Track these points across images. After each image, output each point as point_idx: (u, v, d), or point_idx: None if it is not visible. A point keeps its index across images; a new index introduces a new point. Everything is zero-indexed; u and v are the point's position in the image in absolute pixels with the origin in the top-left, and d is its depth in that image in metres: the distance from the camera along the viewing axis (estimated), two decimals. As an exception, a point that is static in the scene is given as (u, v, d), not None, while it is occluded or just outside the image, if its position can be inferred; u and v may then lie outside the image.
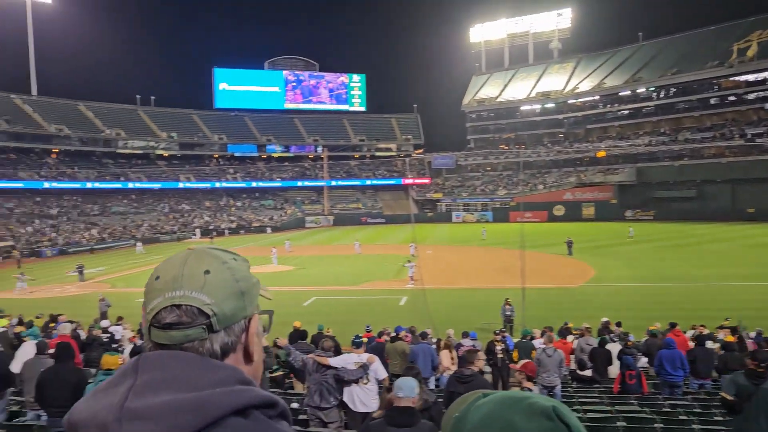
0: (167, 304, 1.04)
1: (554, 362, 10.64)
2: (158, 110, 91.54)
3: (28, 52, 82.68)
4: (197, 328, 1.04)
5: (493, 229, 61.86)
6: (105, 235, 62.75)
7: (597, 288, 29.14)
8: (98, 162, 79.82)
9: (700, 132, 76.56)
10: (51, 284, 35.28)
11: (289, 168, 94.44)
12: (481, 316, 22.11)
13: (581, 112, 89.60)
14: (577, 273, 33.59)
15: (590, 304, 24.66)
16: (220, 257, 1.12)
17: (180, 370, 0.98)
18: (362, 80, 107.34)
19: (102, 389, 0.99)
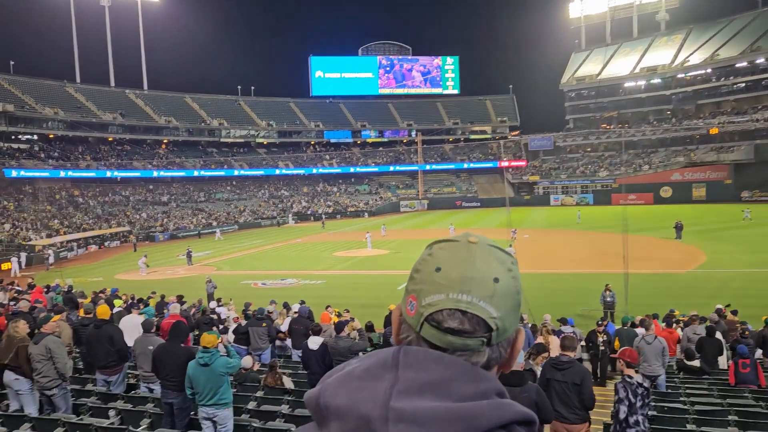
0: (453, 306, 0.96)
1: (655, 351, 10.12)
2: (258, 100, 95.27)
3: (140, 49, 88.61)
4: (477, 339, 0.97)
5: (593, 213, 59.47)
6: (211, 220, 66.36)
7: (708, 274, 27.32)
8: (203, 151, 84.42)
9: (829, 104, 69.40)
10: (163, 267, 37.81)
11: (383, 153, 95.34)
12: (580, 301, 21.40)
13: (691, 86, 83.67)
14: (686, 258, 31.63)
15: (700, 290, 23.19)
16: (505, 262, 1.02)
17: (444, 375, 0.93)
18: (455, 62, 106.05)
19: (358, 377, 0.95)
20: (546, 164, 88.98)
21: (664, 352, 10.24)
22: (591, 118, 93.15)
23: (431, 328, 0.97)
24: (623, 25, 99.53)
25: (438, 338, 0.97)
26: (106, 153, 73.29)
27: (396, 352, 0.97)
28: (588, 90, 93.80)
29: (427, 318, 0.97)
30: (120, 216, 61.53)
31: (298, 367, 11.52)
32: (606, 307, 19.81)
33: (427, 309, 0.97)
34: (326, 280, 30.27)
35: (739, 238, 38.08)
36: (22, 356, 7.94)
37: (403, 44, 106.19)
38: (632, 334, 11.69)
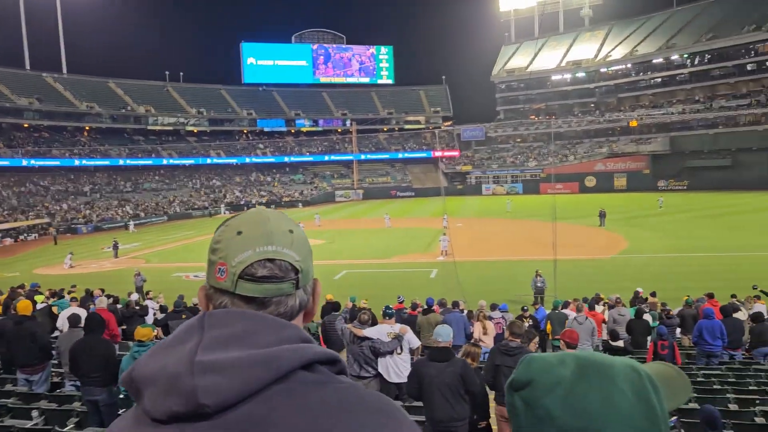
0: (260, 257, 1.06)
1: (586, 331, 10.58)
2: (187, 86, 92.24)
3: (58, 29, 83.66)
4: (288, 282, 1.08)
5: (523, 202, 61.28)
6: (138, 211, 63.97)
7: (629, 259, 28.76)
8: (129, 139, 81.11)
9: (736, 99, 74.13)
10: (88, 260, 36.19)
11: (317, 142, 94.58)
12: (513, 287, 22.04)
13: (613, 80, 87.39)
14: (609, 244, 33.15)
15: (622, 275, 24.37)
16: (292, 220, 1.16)
17: (247, 328, 1.00)
18: (390, 52, 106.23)
19: (165, 345, 1.01)
20: (478, 154, 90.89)
21: (594, 333, 10.73)
22: (521, 110, 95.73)
23: (246, 282, 1.06)
24: (551, 19, 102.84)
25: (254, 289, 1.06)
26: (22, 140, 69.15)
27: (201, 316, 1.05)
28: (517, 82, 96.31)
29: (241, 275, 1.06)
30: (38, 207, 58.35)
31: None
32: (537, 292, 20.51)
33: (239, 266, 1.06)
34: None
35: (656, 224, 40.28)
36: None
37: (337, 33, 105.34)
38: (562, 317, 12.15)
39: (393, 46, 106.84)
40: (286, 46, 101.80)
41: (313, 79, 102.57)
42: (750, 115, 71.11)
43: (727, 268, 24.94)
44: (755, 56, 73.16)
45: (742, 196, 57.01)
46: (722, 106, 74.25)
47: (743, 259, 26.70)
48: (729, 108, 73.45)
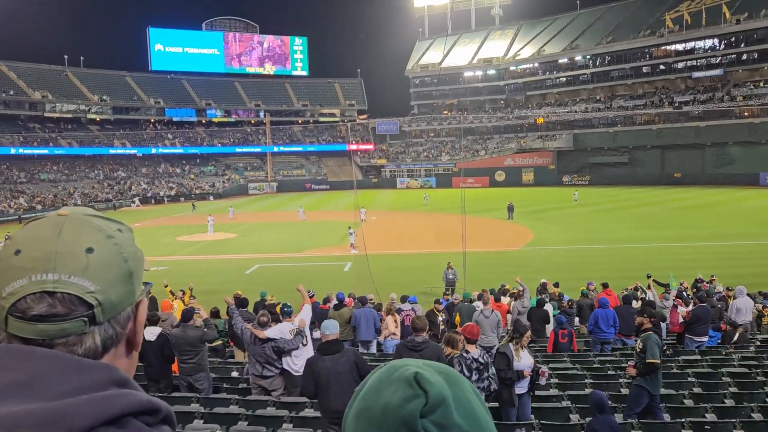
0: (36, 289, 0.82)
1: (491, 323, 10.96)
2: (89, 72, 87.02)
3: (-59, 7, 76.66)
4: (76, 321, 0.83)
5: (437, 195, 62.57)
6: (35, 203, 59.88)
7: (535, 251, 30.06)
8: (24, 127, 75.64)
9: (633, 99, 79.18)
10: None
11: (230, 133, 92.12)
12: (425, 280, 22.48)
13: (521, 78, 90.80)
14: (516, 237, 34.49)
15: (528, 266, 25.39)
16: (104, 229, 0.90)
17: (36, 372, 0.78)
18: (304, 43, 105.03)
19: None
20: (392, 148, 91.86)
21: (499, 324, 11.15)
22: (434, 105, 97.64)
23: (17, 321, 0.82)
24: (463, 16, 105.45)
25: (27, 330, 0.82)
26: None
27: None
28: (431, 78, 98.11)
29: (10, 310, 0.82)
30: None
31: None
32: (448, 284, 20.99)
33: (8, 300, 0.82)
34: (169, 266, 28.75)
35: (561, 218, 42.33)
36: None
37: (249, 21, 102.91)
38: (471, 309, 12.52)
39: (308, 38, 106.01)
40: (196, 33, 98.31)
41: (224, 69, 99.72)
42: (645, 114, 76.09)
43: (625, 258, 26.65)
44: (650, 59, 78.30)
45: (639, 190, 60.97)
46: (620, 106, 79.01)
47: (640, 250, 28.58)
48: (627, 108, 78.27)
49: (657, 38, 76.23)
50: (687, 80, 75.94)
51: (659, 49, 77.30)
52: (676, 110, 72.92)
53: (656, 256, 26.84)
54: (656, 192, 58.72)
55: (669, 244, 30.07)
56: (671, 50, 76.44)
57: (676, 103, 73.75)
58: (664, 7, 77.21)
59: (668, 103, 74.62)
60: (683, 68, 75.95)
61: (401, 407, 0.75)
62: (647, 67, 78.94)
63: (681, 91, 75.53)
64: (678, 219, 40.09)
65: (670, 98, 75.16)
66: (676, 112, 72.92)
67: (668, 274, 18.58)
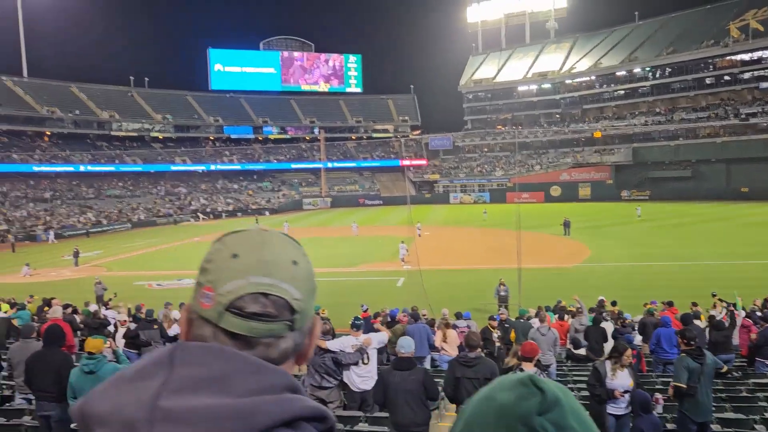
0: (254, 290, 0.91)
1: (548, 341, 10.66)
2: (152, 92, 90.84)
3: (19, 32, 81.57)
4: (282, 323, 0.93)
5: (490, 210, 61.86)
6: (101, 218, 62.54)
7: (592, 268, 29.22)
8: (92, 145, 79.35)
9: (696, 112, 76.42)
10: (47, 268, 35.19)
11: (285, 150, 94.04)
12: (478, 296, 22.16)
13: (578, 92, 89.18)
14: (573, 253, 33.65)
15: (585, 283, 24.68)
16: (299, 247, 1.01)
17: (224, 370, 0.86)
18: (358, 61, 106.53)
19: (128, 379, 0.87)
20: (446, 163, 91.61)
21: (556, 343, 10.84)
22: (487, 120, 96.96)
23: (233, 317, 0.91)
24: (517, 31, 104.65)
25: (241, 326, 0.91)
26: (-21, 145, 67.15)
27: (172, 348, 0.90)
28: (485, 92, 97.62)
29: (228, 306, 0.91)
30: (-5, 214, 56.61)
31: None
32: (500, 301, 20.62)
33: (226, 297, 0.91)
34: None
35: (620, 234, 41.09)
36: None
37: (305, 40, 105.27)
38: (527, 327, 12.23)
39: (362, 55, 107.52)
40: (254, 53, 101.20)
41: (281, 87, 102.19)
42: (709, 127, 73.31)
43: (689, 276, 25.55)
44: (713, 70, 75.54)
45: (703, 206, 58.62)
46: (683, 119, 76.40)
47: (705, 268, 27.38)
48: (689, 120, 75.61)
49: (721, 48, 73.53)
50: (754, 91, 72.75)
51: (724, 60, 74.48)
52: (743, 122, 69.94)
53: (723, 273, 25.61)
54: (722, 207, 56.29)
55: (737, 262, 28.67)
56: (737, 60, 73.52)
57: (743, 115, 70.74)
58: (729, 16, 74.48)
59: (734, 115, 71.66)
60: (750, 79, 72.83)
61: (518, 405, 0.76)
62: (711, 79, 76.11)
63: (748, 103, 72.41)
64: (747, 235, 38.20)
65: (736, 110, 72.16)
66: (742, 125, 69.95)
67: (734, 293, 17.70)
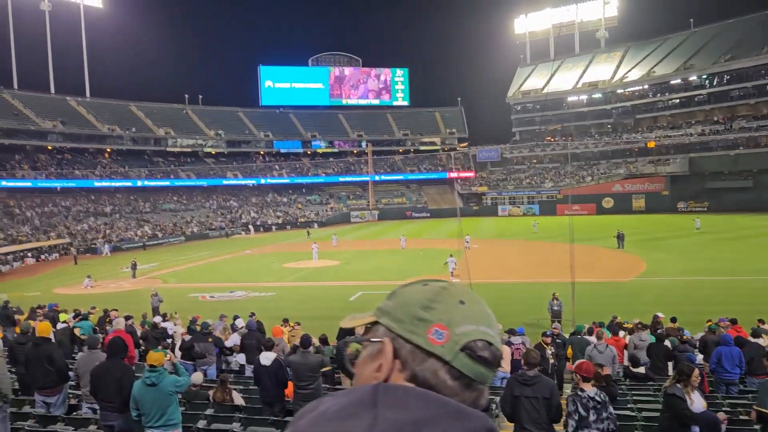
0: (482, 337, 0.97)
1: (606, 359, 10.38)
2: (206, 109, 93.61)
3: (82, 55, 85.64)
4: (493, 375, 0.98)
5: (540, 222, 60.88)
6: (157, 231, 64.55)
7: (649, 282, 28.33)
8: (149, 160, 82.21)
9: (756, 120, 73.34)
10: (107, 280, 36.49)
11: (333, 163, 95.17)
12: (529, 310, 21.79)
13: (630, 101, 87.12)
14: (627, 267, 32.74)
15: (641, 298, 23.99)
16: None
17: (427, 414, 0.87)
18: (405, 74, 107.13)
19: (331, 417, 0.88)
20: (494, 175, 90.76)
21: (614, 361, 10.54)
22: (536, 131, 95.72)
23: (466, 357, 0.95)
24: (566, 41, 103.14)
25: (471, 368, 0.96)
26: (46, 162, 70.39)
27: (374, 389, 0.91)
28: (533, 103, 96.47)
29: (463, 347, 0.96)
30: (60, 227, 59.12)
31: (249, 383, 11.27)
32: (553, 316, 20.20)
33: (462, 338, 0.96)
34: (276, 292, 29.85)
35: (677, 247, 39.68)
36: None
37: (353, 56, 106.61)
38: (584, 343, 11.93)
39: (408, 68, 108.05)
40: (303, 69, 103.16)
41: (329, 101, 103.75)
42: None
43: (751, 291, 24.47)
44: (774, 77, 72.54)
45: (765, 218, 56.09)
46: (742, 127, 73.52)
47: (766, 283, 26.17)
48: (749, 129, 72.72)
49: (784, 54, 70.63)
50: (819, 98, 69.53)
51: (786, 66, 71.46)
52: (808, 130, 66.83)
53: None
54: (786, 219, 53.68)
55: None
56: (800, 66, 70.46)
57: (807, 122, 67.60)
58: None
59: (798, 123, 68.56)
60: (815, 85, 69.66)
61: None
62: (772, 85, 73.12)
63: (813, 110, 69.19)
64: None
65: (800, 117, 69.05)
66: (807, 133, 66.84)
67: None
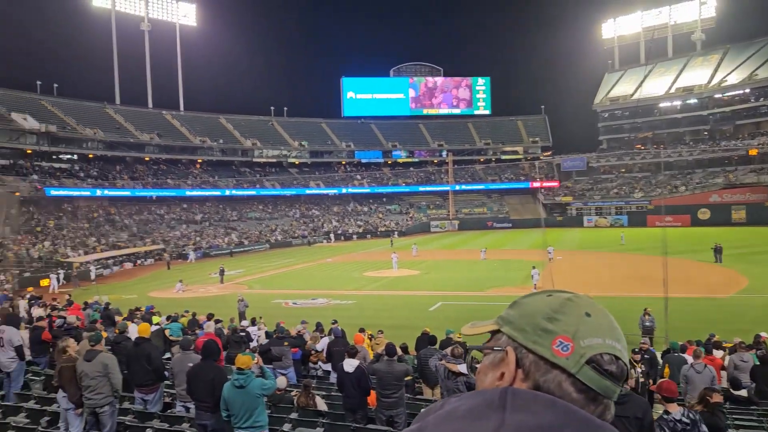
0: (610, 351, 0.96)
1: (705, 380, 9.74)
2: (290, 120, 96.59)
3: (177, 71, 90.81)
4: (620, 389, 0.96)
5: (630, 234, 58.30)
6: (243, 239, 67.02)
7: (750, 299, 26.42)
8: (236, 170, 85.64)
9: None
10: (196, 285, 38.19)
11: (413, 173, 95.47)
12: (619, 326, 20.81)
13: (729, 107, 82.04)
14: (726, 282, 30.70)
15: (742, 316, 22.40)
16: None
17: (555, 421, 0.88)
18: (487, 83, 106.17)
19: (461, 416, 0.91)
20: (579, 185, 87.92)
21: (713, 382, 9.87)
22: (625, 139, 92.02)
23: (592, 370, 0.94)
24: (658, 45, 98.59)
25: (597, 382, 0.94)
26: (143, 172, 74.88)
27: (503, 392, 0.93)
28: (622, 110, 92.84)
29: (588, 360, 0.95)
30: (155, 234, 62.58)
31: (332, 389, 11.43)
32: (644, 332, 19.25)
33: (587, 350, 0.95)
34: (357, 300, 30.18)
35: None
36: (66, 376, 7.90)
37: (434, 65, 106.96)
38: (681, 361, 11.29)
39: (490, 77, 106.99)
40: (384, 80, 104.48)
41: (410, 111, 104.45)
42: None
43: None
44: None
45: None
46: None
47: None
48: None
49: None
50: None
51: None
52: None
53: None
54: None
55: None
56: None
57: None
58: None
59: None
60: None
61: None
62: None
63: None
64: None
65: None
66: None
67: None
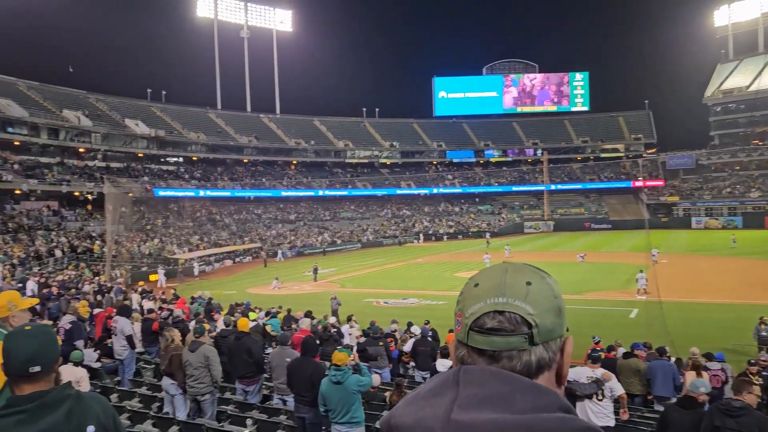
0: (489, 309, 1.04)
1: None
2: (382, 121, 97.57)
3: (274, 75, 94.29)
4: (519, 336, 1.03)
5: (744, 237, 54.21)
6: (335, 238, 68.48)
7: None
8: (329, 171, 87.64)
9: None
10: (291, 282, 39.40)
11: (506, 172, 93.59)
12: (730, 335, 19.41)
13: None
14: None
15: None
16: (538, 272, 1.13)
17: (503, 389, 0.97)
18: (585, 78, 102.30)
19: (422, 396, 1.02)
20: (687, 184, 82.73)
21: None
22: (740, 134, 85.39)
23: (476, 334, 1.05)
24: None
25: (483, 341, 1.04)
26: (241, 174, 78.29)
27: (456, 371, 1.04)
28: (737, 103, 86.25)
29: (471, 326, 1.05)
30: (252, 233, 65.24)
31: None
32: (761, 343, 17.79)
33: (470, 318, 1.06)
34: (447, 300, 29.93)
35: None
36: (175, 363, 8.53)
37: (529, 62, 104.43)
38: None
39: (588, 72, 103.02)
40: (476, 78, 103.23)
41: (503, 110, 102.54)
42: None
43: None
44: None
45: None
46: None
47: None
48: None
49: None
50: None
51: None
52: None
53: None
54: None
55: None
56: None
57: None
58: None
59: None
60: None
61: None
62: None
63: None
64: None
65: None
66: None
67: None
